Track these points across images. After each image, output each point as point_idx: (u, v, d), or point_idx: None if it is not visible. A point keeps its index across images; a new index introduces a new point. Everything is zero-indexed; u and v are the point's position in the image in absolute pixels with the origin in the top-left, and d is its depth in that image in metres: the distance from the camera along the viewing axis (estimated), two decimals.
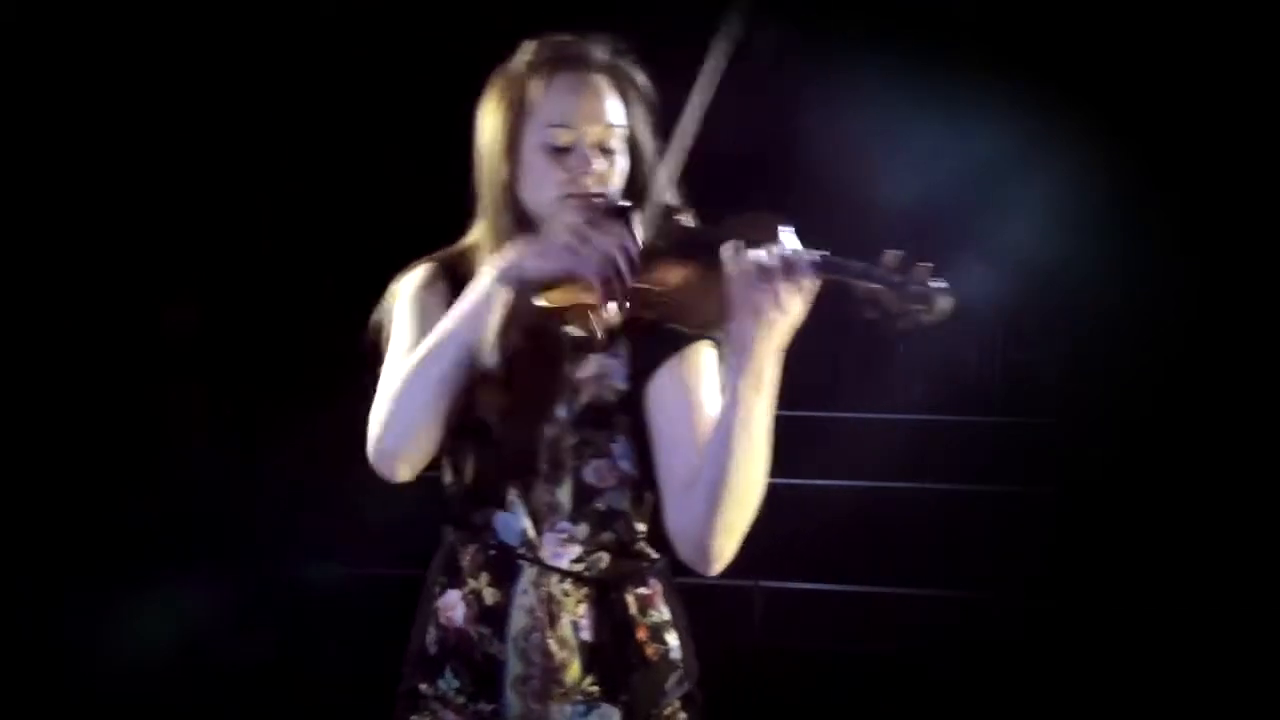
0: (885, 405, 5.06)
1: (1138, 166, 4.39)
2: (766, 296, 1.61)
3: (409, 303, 1.87)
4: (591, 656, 1.81)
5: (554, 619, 1.81)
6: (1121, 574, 4.24)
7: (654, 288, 1.72)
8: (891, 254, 1.60)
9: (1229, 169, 4.43)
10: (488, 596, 1.83)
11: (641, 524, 1.86)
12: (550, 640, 1.80)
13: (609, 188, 1.81)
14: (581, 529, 1.82)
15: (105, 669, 3.91)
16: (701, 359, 1.81)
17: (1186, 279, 4.40)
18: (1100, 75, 4.44)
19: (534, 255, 1.71)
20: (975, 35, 4.49)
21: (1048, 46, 4.47)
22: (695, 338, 1.80)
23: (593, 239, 1.68)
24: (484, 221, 1.87)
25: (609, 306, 1.70)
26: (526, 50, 1.86)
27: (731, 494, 1.68)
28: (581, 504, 1.82)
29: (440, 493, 1.88)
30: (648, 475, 1.81)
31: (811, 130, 4.56)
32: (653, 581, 1.87)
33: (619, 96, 1.83)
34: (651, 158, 1.85)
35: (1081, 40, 4.48)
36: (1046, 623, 4.24)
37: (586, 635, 1.82)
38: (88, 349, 4.59)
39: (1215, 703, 3.83)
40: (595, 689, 1.81)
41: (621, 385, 1.82)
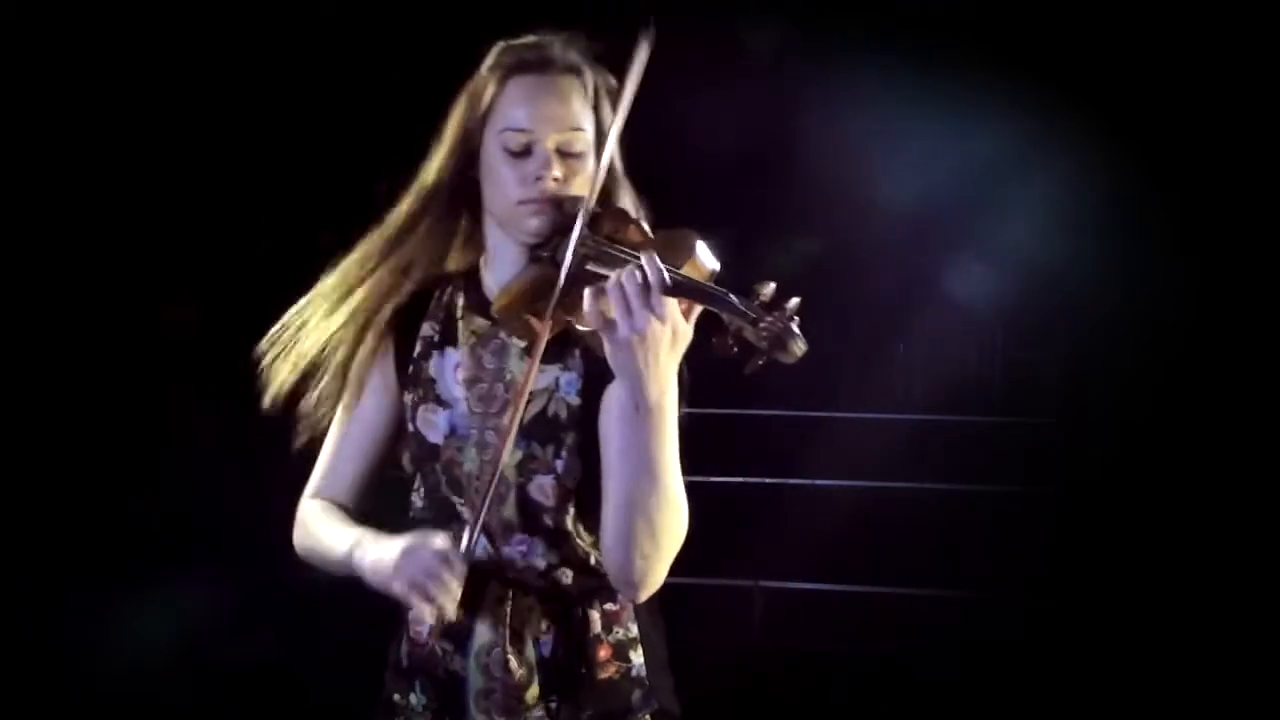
0: (885, 405, 5.06)
1: (1138, 166, 4.39)
2: (622, 315, 1.56)
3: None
4: (549, 674, 1.79)
5: (517, 635, 1.79)
6: (1121, 574, 4.24)
7: (571, 304, 1.67)
8: (767, 286, 1.56)
9: (1229, 169, 4.44)
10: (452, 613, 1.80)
11: (588, 542, 1.80)
12: (510, 657, 1.78)
13: (568, 191, 1.75)
14: (537, 544, 1.79)
15: (105, 669, 3.91)
16: None
17: (1186, 279, 4.41)
18: (1100, 75, 4.45)
19: (371, 572, 1.76)
20: (975, 35, 4.49)
21: (1048, 46, 4.47)
22: None
23: (418, 570, 1.68)
24: (424, 225, 1.86)
25: (448, 619, 1.70)
26: (493, 52, 1.83)
27: (635, 520, 1.64)
28: (528, 520, 1.79)
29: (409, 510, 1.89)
30: (593, 491, 1.75)
31: (811, 130, 4.57)
32: (621, 597, 1.82)
33: (584, 99, 1.79)
34: (619, 164, 1.82)
35: (1081, 40, 4.48)
36: (1046, 623, 4.24)
37: (545, 651, 1.79)
38: (88, 349, 4.59)
39: (1215, 702, 3.83)
40: (555, 707, 1.79)
41: (573, 400, 1.78)
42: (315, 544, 1.90)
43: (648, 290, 1.57)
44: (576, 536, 1.80)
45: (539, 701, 1.80)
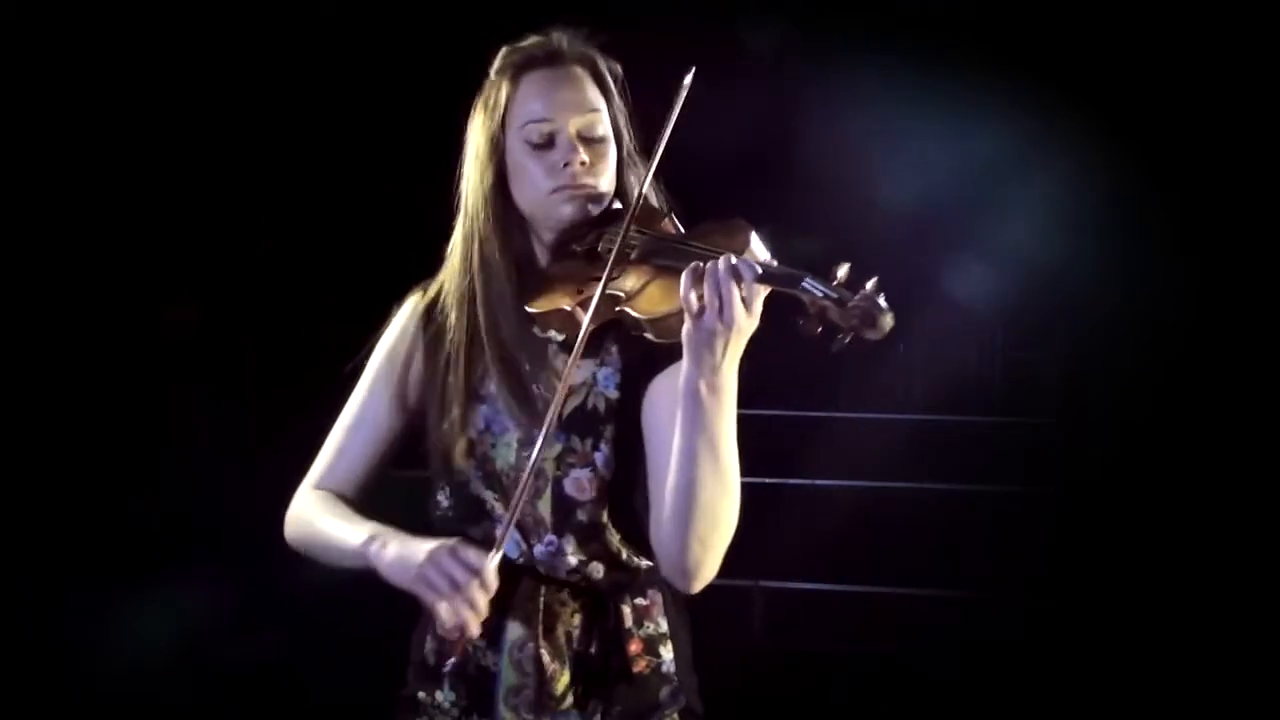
0: (885, 405, 5.06)
1: (1138, 166, 4.39)
2: (711, 305, 1.59)
3: (377, 353, 1.93)
4: (579, 667, 1.80)
5: (549, 629, 1.80)
6: (1121, 574, 4.24)
7: (623, 296, 1.70)
8: (843, 268, 1.58)
9: (1229, 169, 4.44)
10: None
11: (622, 535, 1.81)
12: (543, 650, 1.79)
13: (600, 176, 1.80)
14: (568, 541, 1.80)
15: (105, 669, 3.91)
16: None
17: (1186, 279, 4.41)
18: (1100, 75, 4.45)
19: (390, 564, 1.74)
20: (975, 35, 4.49)
21: (1048, 46, 4.47)
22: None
23: (443, 576, 1.67)
24: (463, 234, 1.86)
25: (469, 635, 1.68)
26: (499, 56, 1.86)
27: (695, 503, 1.65)
28: (561, 516, 1.80)
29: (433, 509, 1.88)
30: (629, 485, 1.79)
31: (811, 130, 4.57)
32: (652, 593, 1.85)
33: (596, 85, 1.83)
34: (630, 147, 1.85)
35: (1081, 40, 4.48)
36: (1046, 623, 4.24)
37: (577, 645, 1.80)
38: (88, 349, 4.59)
39: (1215, 702, 3.83)
40: (584, 700, 1.80)
41: (612, 393, 1.80)
42: (316, 532, 1.88)
43: (739, 279, 1.59)
44: (609, 531, 1.81)
45: (569, 696, 1.80)
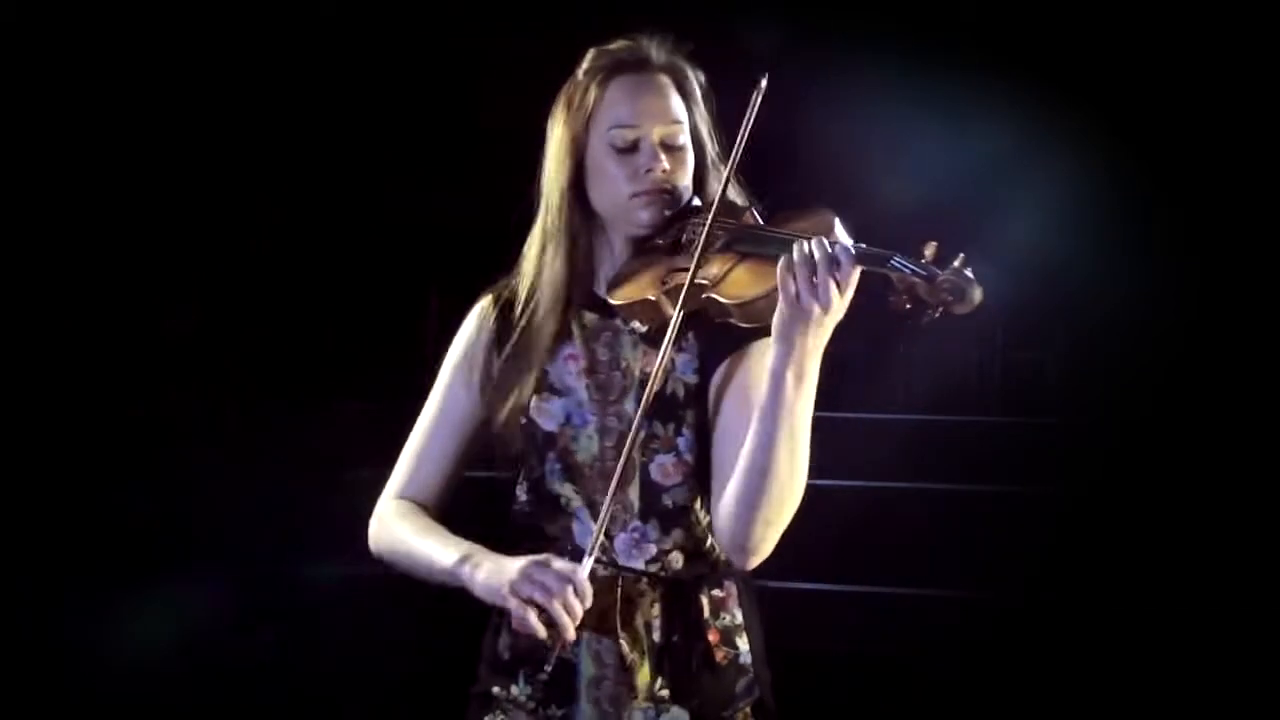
0: (885, 405, 5.06)
1: (1138, 166, 4.39)
2: (807, 288, 1.64)
3: (450, 357, 1.98)
4: (661, 658, 1.83)
5: (627, 620, 1.82)
6: (1122, 574, 4.24)
7: (709, 283, 1.75)
8: (930, 246, 1.63)
9: (1229, 169, 4.43)
10: None
11: (705, 523, 1.87)
12: (623, 640, 1.82)
13: (679, 184, 1.86)
14: (652, 528, 1.84)
15: (105, 669, 3.91)
16: (765, 353, 1.81)
17: (1186, 279, 4.40)
18: (1100, 75, 4.44)
19: (484, 584, 1.77)
20: (975, 35, 4.49)
21: (1048, 46, 4.47)
22: (762, 332, 1.80)
23: (538, 588, 1.69)
24: (541, 228, 1.90)
25: (566, 641, 1.70)
26: (588, 57, 1.91)
27: (768, 484, 1.70)
28: (649, 502, 1.84)
29: (508, 504, 1.92)
30: (707, 471, 1.83)
31: (811, 130, 4.56)
32: (728, 584, 1.90)
33: (680, 94, 1.88)
34: (713, 155, 1.91)
35: (1081, 40, 4.48)
36: (1046, 623, 4.23)
37: (657, 636, 1.83)
38: (88, 349, 4.58)
39: (1215, 703, 3.83)
40: (665, 693, 1.83)
41: (690, 379, 1.85)
42: (407, 549, 1.91)
43: (836, 263, 1.64)
44: (694, 515, 1.85)
45: (650, 688, 1.82)
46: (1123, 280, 4.51)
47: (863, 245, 1.69)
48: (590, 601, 1.70)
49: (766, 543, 1.75)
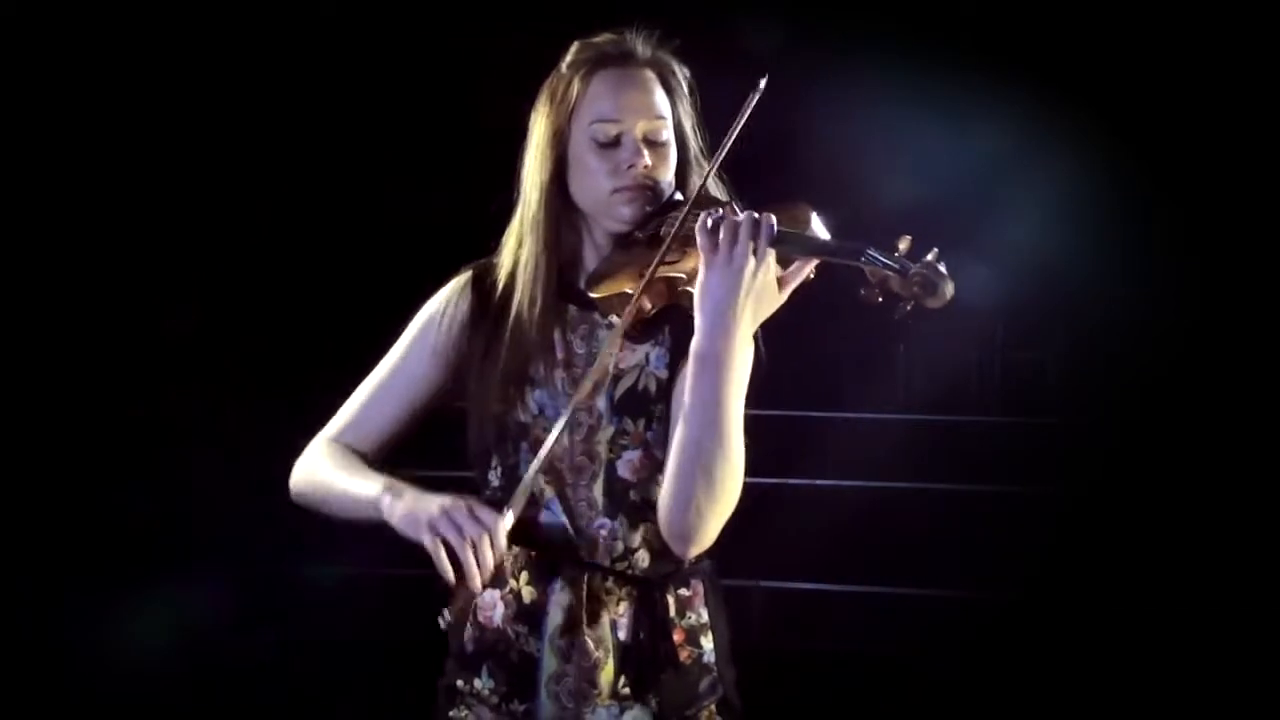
0: (885, 405, 5.06)
1: (1138, 166, 4.39)
2: (726, 249, 1.66)
3: (417, 319, 1.96)
4: (625, 656, 1.82)
5: (593, 617, 1.82)
6: (1122, 574, 4.24)
7: (685, 278, 1.74)
8: (904, 240, 1.63)
9: (1229, 169, 4.44)
10: (526, 595, 1.84)
11: None
12: (587, 639, 1.81)
13: (661, 179, 1.84)
14: (619, 524, 1.83)
15: (105, 669, 3.91)
16: None
17: (1186, 279, 4.40)
18: (1100, 75, 4.45)
19: (402, 516, 1.75)
20: (975, 35, 4.49)
21: (1048, 46, 4.47)
22: None
23: (454, 529, 1.68)
24: (520, 220, 1.89)
25: (472, 590, 1.69)
26: (572, 50, 1.89)
27: (697, 470, 1.68)
28: (616, 498, 1.83)
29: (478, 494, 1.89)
30: None
31: (811, 130, 4.56)
32: (695, 583, 1.87)
33: (664, 89, 1.87)
34: (696, 150, 1.89)
35: (1081, 40, 4.48)
36: (1046, 623, 4.23)
37: (623, 634, 1.83)
38: (88, 349, 4.58)
39: (1215, 702, 3.83)
40: (627, 690, 1.82)
41: (662, 373, 1.84)
42: (326, 482, 1.90)
43: (757, 231, 1.66)
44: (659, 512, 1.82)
45: (613, 686, 1.82)
46: (1123, 280, 4.52)
47: (833, 240, 1.68)
48: (502, 557, 1.68)
49: (701, 532, 1.72)
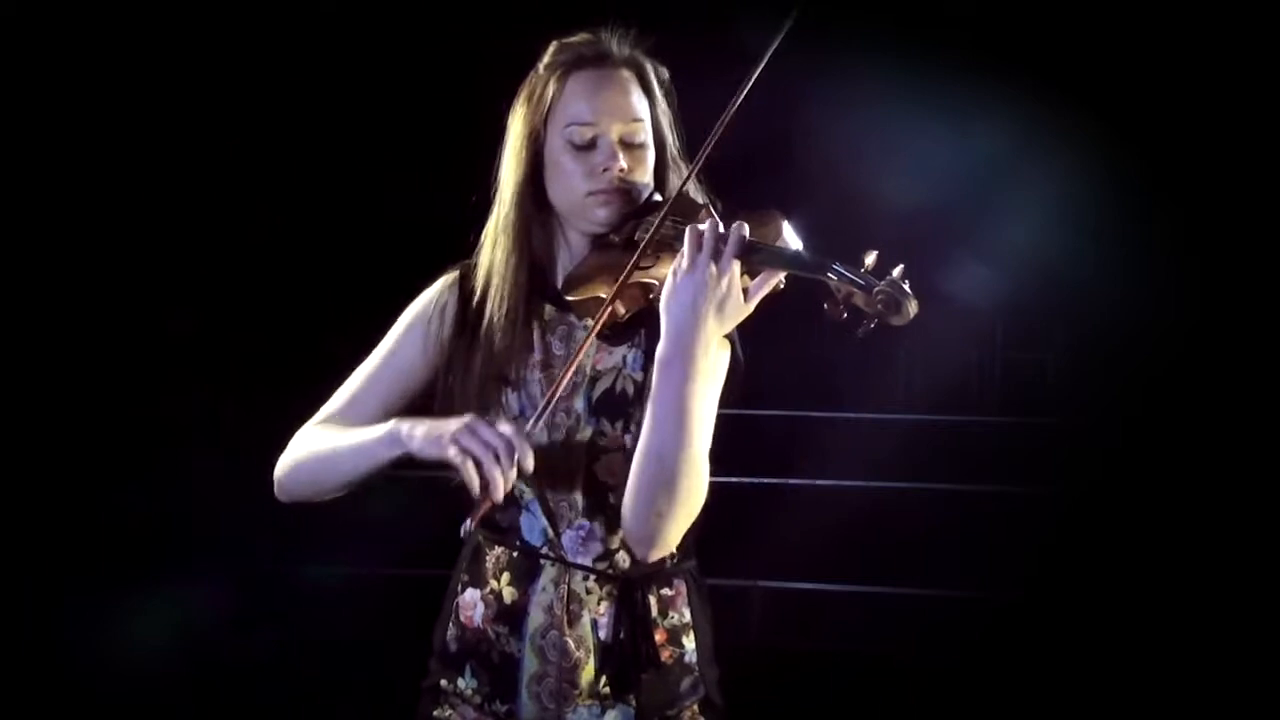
0: (885, 405, 5.06)
1: (1138, 166, 4.39)
2: (691, 257, 1.65)
3: (405, 315, 1.94)
4: (605, 656, 1.82)
5: (574, 618, 1.82)
6: (1122, 574, 4.24)
7: (659, 283, 1.73)
8: (870, 255, 1.61)
9: (1229, 169, 4.43)
10: (507, 595, 1.84)
11: None
12: (568, 639, 1.81)
13: (637, 182, 1.83)
14: (599, 526, 1.82)
15: (105, 669, 3.91)
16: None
17: (1186, 279, 4.40)
18: (1100, 75, 4.44)
19: (424, 438, 1.71)
20: (975, 35, 4.49)
21: (1048, 46, 4.47)
22: None
23: (478, 440, 1.66)
24: (495, 222, 1.88)
25: (494, 499, 1.66)
26: (549, 51, 1.88)
27: (658, 474, 1.68)
28: (595, 500, 1.82)
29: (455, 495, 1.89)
30: None
31: (811, 130, 4.56)
32: (678, 583, 1.87)
33: (642, 90, 1.85)
34: (674, 151, 1.88)
35: (1081, 40, 4.47)
36: (1046, 623, 4.24)
37: (604, 634, 1.82)
38: (89, 349, 4.58)
39: (1215, 702, 3.83)
40: (607, 690, 1.82)
41: (639, 375, 1.83)
42: (329, 445, 1.85)
43: (723, 241, 1.65)
44: None
45: (594, 686, 1.81)
46: (1123, 280, 4.51)
47: (801, 252, 1.67)
48: (529, 468, 1.66)
49: (663, 536, 1.71)
